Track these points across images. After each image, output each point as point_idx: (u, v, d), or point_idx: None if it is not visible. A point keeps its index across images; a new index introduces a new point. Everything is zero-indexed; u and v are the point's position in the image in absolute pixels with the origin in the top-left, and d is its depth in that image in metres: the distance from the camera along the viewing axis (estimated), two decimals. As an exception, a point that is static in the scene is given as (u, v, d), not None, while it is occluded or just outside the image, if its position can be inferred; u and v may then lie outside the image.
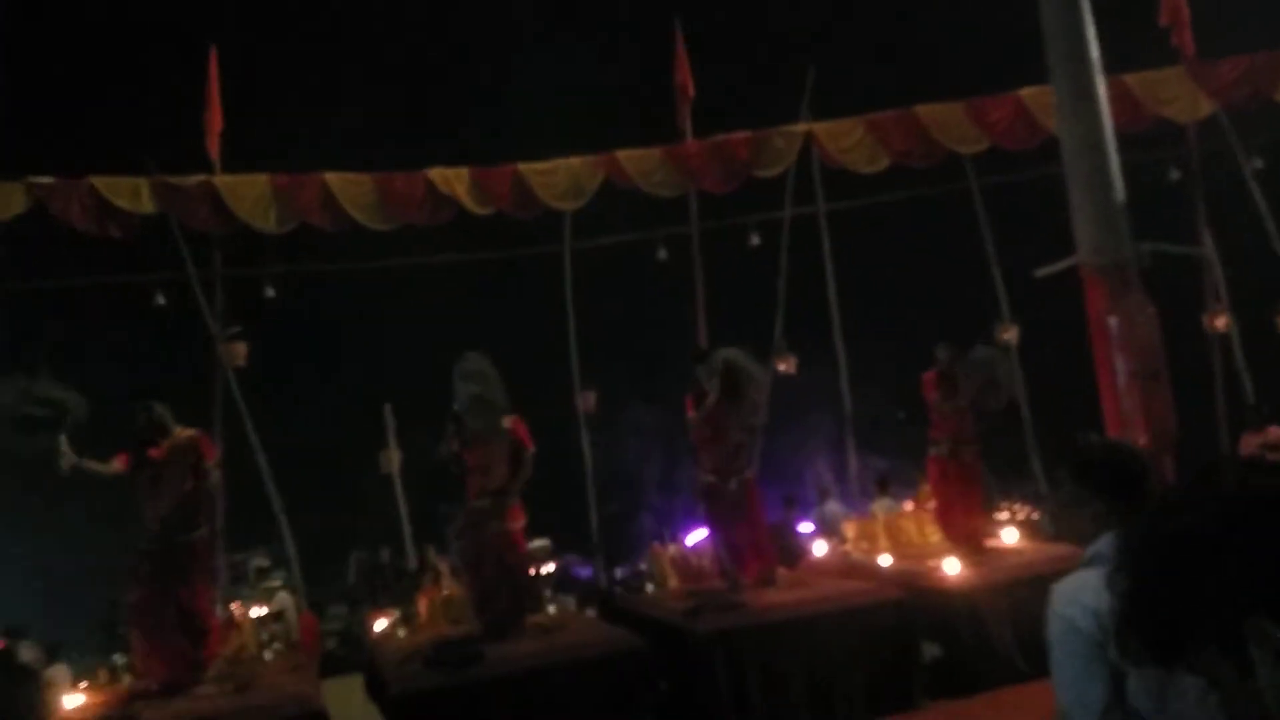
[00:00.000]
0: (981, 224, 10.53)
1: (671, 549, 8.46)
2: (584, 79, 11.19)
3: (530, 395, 9.80)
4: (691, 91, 10.07)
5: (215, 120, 8.65)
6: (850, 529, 9.11)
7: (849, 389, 10.23)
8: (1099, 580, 2.46)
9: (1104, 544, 2.46)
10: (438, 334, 10.63)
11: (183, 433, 6.23)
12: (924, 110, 9.95)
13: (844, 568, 8.21)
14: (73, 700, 5.97)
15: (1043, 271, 7.51)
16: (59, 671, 7.20)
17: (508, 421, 7.03)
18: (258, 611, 7.18)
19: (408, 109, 10.02)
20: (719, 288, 9.98)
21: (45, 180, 8.07)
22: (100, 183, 8.17)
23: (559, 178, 9.57)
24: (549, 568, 8.08)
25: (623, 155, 9.64)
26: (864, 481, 10.31)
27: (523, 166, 9.44)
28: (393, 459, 9.34)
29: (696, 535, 8.72)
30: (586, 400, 9.74)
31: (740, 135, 9.84)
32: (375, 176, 9.05)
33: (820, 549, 8.96)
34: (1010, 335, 10.38)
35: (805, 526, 9.44)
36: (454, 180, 9.24)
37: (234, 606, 7.11)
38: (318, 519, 9.43)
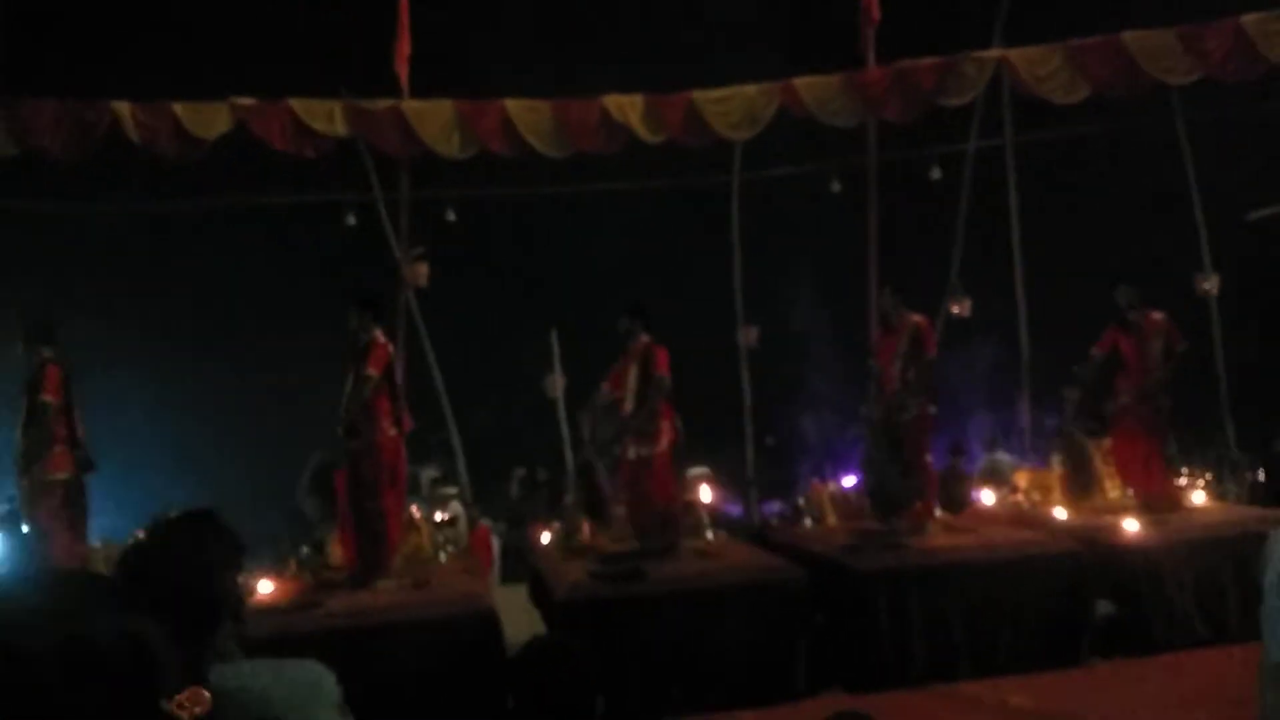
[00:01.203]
0: (1186, 162, 9.76)
1: (831, 486, 8.40)
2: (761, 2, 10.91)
3: (692, 328, 9.88)
4: (876, 15, 9.66)
5: (404, 46, 8.90)
6: (1023, 479, 8.80)
7: (1028, 336, 9.78)
8: None
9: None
10: (605, 262, 10.80)
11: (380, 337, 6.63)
12: (1131, 37, 9.22)
13: (1014, 517, 7.95)
14: (264, 586, 6.46)
15: (1256, 215, 6.94)
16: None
17: (640, 341, 7.14)
18: (434, 516, 7.56)
19: (581, 35, 10.01)
20: (895, 223, 9.65)
21: (247, 101, 8.52)
22: (298, 105, 8.56)
23: (733, 106, 9.39)
24: (708, 495, 8.14)
25: (800, 83, 9.36)
26: (1036, 433, 9.88)
27: (697, 95, 9.31)
28: (557, 384, 9.59)
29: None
30: (749, 334, 9.68)
31: (927, 62, 9.38)
32: (552, 104, 9.13)
33: (988, 498, 8.70)
34: (1210, 286, 9.65)
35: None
36: (628, 108, 9.21)
37: (412, 509, 7.50)
38: (486, 437, 9.82)
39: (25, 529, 6.70)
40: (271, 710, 1.75)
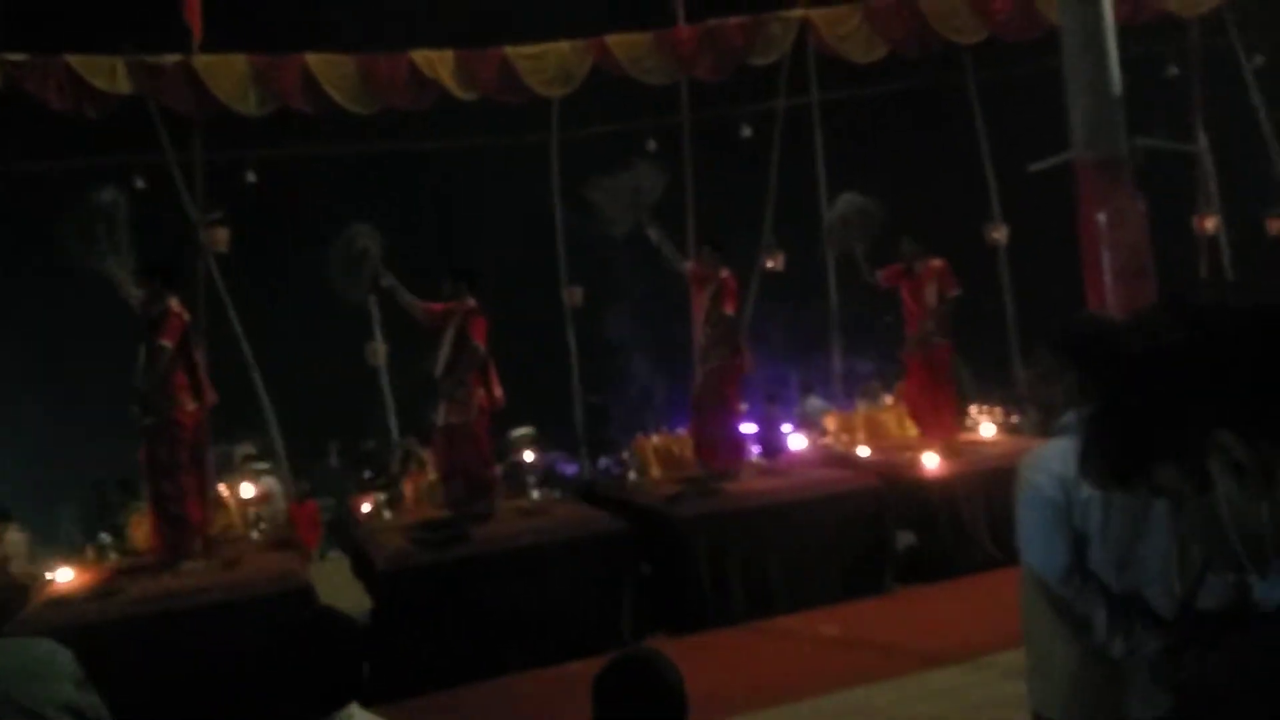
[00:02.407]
0: (976, 118, 10.38)
1: (655, 439, 8.56)
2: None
3: (516, 289, 9.80)
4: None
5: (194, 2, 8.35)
6: (831, 422, 9.23)
7: (836, 288, 10.20)
8: (1068, 448, 2.51)
9: (1077, 415, 2.50)
10: (421, 222, 10.55)
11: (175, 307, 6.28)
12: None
13: (824, 459, 8.34)
14: (62, 575, 6.06)
15: (1036, 167, 7.45)
16: (14, 537, 7.30)
17: (464, 305, 7.10)
18: (245, 493, 7.26)
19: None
20: (709, 180, 9.84)
21: (18, 57, 7.82)
22: (76, 61, 7.92)
23: (547, 62, 9.32)
24: (530, 456, 8.16)
25: (612, 40, 9.39)
26: (848, 381, 10.37)
27: (510, 50, 9.19)
28: (379, 351, 9.34)
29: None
30: (573, 295, 9.70)
31: (735, 20, 9.58)
32: (357, 58, 8.80)
33: (800, 442, 9.08)
34: (1000, 234, 10.33)
35: (786, 428, 9.52)
36: (438, 63, 8.99)
37: (221, 487, 7.18)
38: (302, 410, 9.46)
39: None
40: None
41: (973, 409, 9.16)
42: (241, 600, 5.64)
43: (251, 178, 8.75)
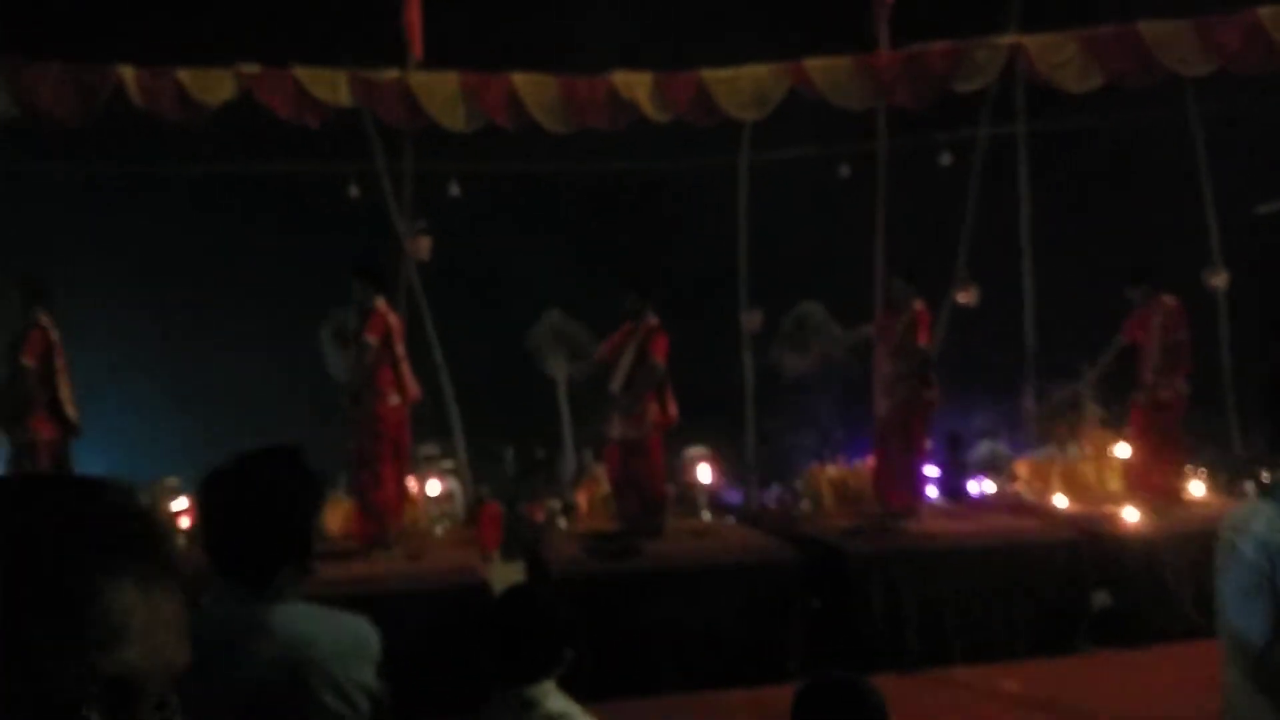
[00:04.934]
0: (1199, 155, 9.66)
1: (830, 470, 8.35)
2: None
3: (696, 310, 9.81)
4: (888, -3, 9.57)
5: (414, 15, 8.83)
6: (1022, 469, 8.75)
7: (1034, 326, 9.70)
8: (1274, 511, 2.28)
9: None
10: (608, 241, 10.72)
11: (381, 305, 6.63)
12: (1147, 27, 9.12)
13: (1013, 506, 7.91)
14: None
15: (1264, 208, 6.87)
16: None
17: (646, 323, 7.14)
18: (431, 490, 7.53)
19: (591, 10, 9.91)
20: (903, 209, 9.57)
21: (252, 69, 8.45)
22: (303, 73, 8.50)
23: (743, 85, 9.32)
24: (706, 476, 8.11)
25: (811, 64, 9.29)
26: (1040, 423, 9.81)
27: (706, 73, 9.24)
28: (559, 365, 9.54)
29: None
30: (752, 319, 9.61)
31: (939, 46, 9.29)
32: (559, 79, 9.06)
33: (986, 487, 8.66)
34: (1220, 281, 9.57)
35: (969, 470, 9.07)
36: (636, 85, 9.14)
37: (410, 482, 7.47)
38: (482, 415, 9.77)
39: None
40: (312, 653, 1.75)
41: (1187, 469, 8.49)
42: (421, 591, 5.84)
43: (455, 190, 9.12)
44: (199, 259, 9.14)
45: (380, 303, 6.68)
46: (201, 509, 2.19)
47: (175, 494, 7.47)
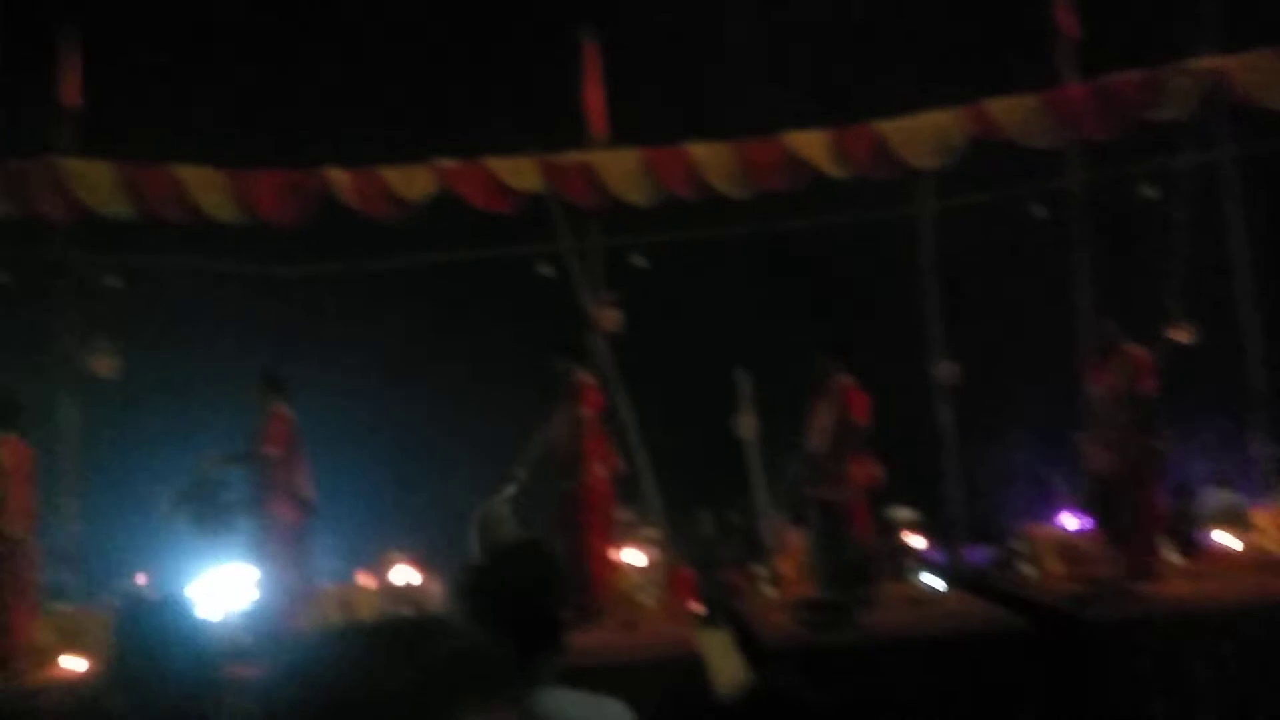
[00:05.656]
0: None
1: (1051, 529, 7.92)
2: (943, 22, 10.59)
3: (886, 364, 9.58)
4: (1072, 28, 9.23)
5: (594, 100, 9.16)
6: (1262, 519, 8.04)
7: (1259, 364, 8.97)
8: None
9: None
10: (792, 299, 10.66)
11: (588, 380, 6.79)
12: (1369, 34, 8.42)
13: (1259, 562, 7.26)
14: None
15: None
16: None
17: (839, 383, 7.00)
18: (636, 559, 7.59)
19: (756, 72, 10.03)
20: (1104, 247, 9.11)
21: (449, 163, 8.94)
22: (495, 164, 8.92)
23: (922, 134, 9.14)
24: (915, 539, 7.83)
25: (994, 105, 9.02)
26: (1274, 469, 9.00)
27: (883, 125, 9.12)
28: (748, 424, 9.49)
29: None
30: (947, 370, 9.30)
31: (1131, 76, 8.85)
32: (735, 145, 9.15)
33: (1223, 540, 8.00)
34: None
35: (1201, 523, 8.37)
36: (812, 144, 9.12)
37: (617, 551, 7.56)
38: (676, 482, 9.81)
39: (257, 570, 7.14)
40: None
41: None
42: (640, 663, 5.85)
43: (640, 262, 9.30)
44: (410, 346, 9.66)
45: (586, 377, 6.86)
46: (464, 605, 2.29)
47: (391, 565, 7.85)
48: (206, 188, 8.41)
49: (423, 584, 8.51)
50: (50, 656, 6.62)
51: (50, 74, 8.64)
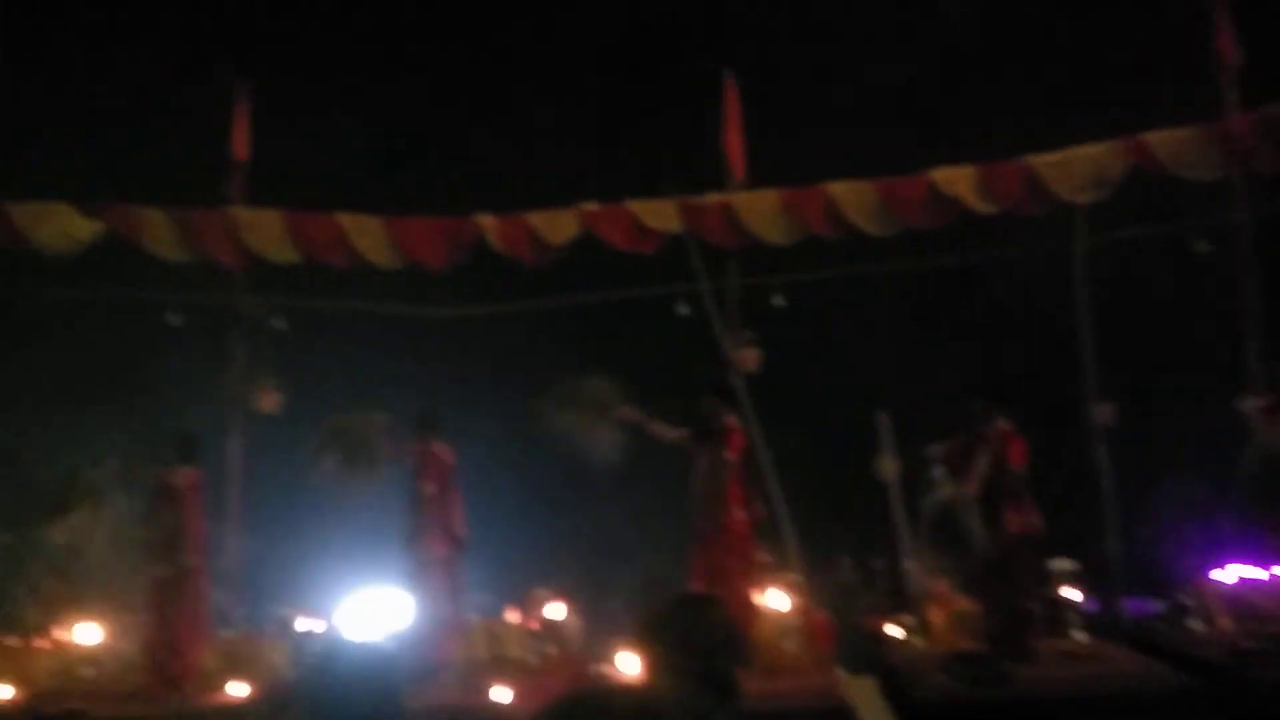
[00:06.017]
0: None
1: (1221, 581, 7.44)
2: (1097, 53, 10.25)
3: (1037, 406, 9.23)
4: (1234, 56, 8.80)
5: (734, 142, 9.23)
6: None
7: None
8: None
9: None
10: (935, 340, 10.41)
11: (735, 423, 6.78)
12: None
13: None
14: (623, 661, 6.62)
15: None
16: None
17: (997, 428, 6.77)
18: (779, 604, 7.49)
19: (908, 112, 9.92)
20: (1273, 283, 8.59)
21: (592, 206, 9.16)
22: (637, 206, 9.09)
23: (1076, 168, 8.85)
24: (1073, 591, 7.48)
25: (1153, 138, 8.67)
26: None
27: (1034, 159, 8.88)
28: (890, 467, 9.27)
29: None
30: (1103, 413, 8.89)
31: (1303, 104, 8.39)
32: (878, 183, 9.07)
33: None
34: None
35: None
36: (959, 180, 8.96)
37: (758, 596, 7.48)
38: (813, 524, 9.66)
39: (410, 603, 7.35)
40: None
41: None
42: (789, 711, 5.75)
43: (779, 301, 9.27)
44: (547, 386, 9.84)
45: (733, 419, 6.86)
46: (647, 655, 2.33)
47: (538, 601, 7.97)
48: (365, 233, 8.84)
49: (565, 620, 8.61)
50: (217, 681, 6.93)
51: (223, 129, 9.26)
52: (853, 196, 9.03)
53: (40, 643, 7.68)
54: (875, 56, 10.53)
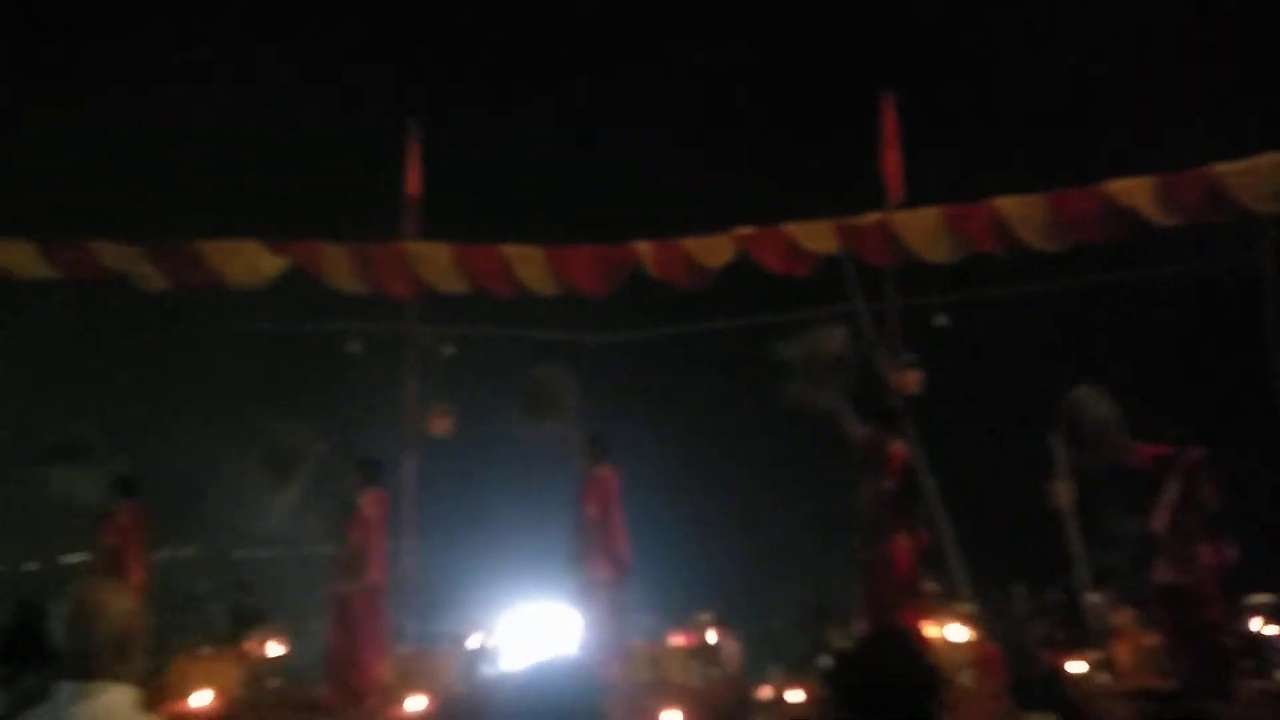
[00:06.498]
0: None
1: None
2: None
3: (1223, 431, 8.64)
4: None
5: (892, 160, 9.08)
6: None
7: None
8: None
9: None
10: (1110, 358, 9.90)
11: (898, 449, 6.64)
12: None
13: None
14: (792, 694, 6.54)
15: None
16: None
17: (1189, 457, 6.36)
18: (954, 635, 7.24)
19: (1075, 122, 9.54)
20: None
21: (748, 230, 9.15)
22: (793, 228, 9.02)
23: (1263, 175, 8.28)
24: (1274, 627, 6.94)
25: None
26: None
27: (1219, 168, 8.36)
28: (1063, 492, 8.85)
29: None
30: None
31: None
32: (1047, 196, 8.72)
33: None
34: None
35: None
36: (1136, 191, 8.51)
37: (926, 627, 7.25)
38: (983, 553, 9.31)
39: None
40: None
41: None
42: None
43: (942, 321, 9.02)
44: (701, 410, 9.91)
45: (897, 445, 6.70)
46: (833, 692, 2.30)
47: (701, 626, 7.97)
48: (527, 263, 9.10)
49: (720, 643, 8.58)
50: (396, 695, 7.19)
51: (400, 167, 9.74)
52: (1021, 211, 8.70)
53: (232, 653, 8.17)
54: (1036, 68, 10.21)
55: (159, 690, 6.80)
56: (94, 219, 9.52)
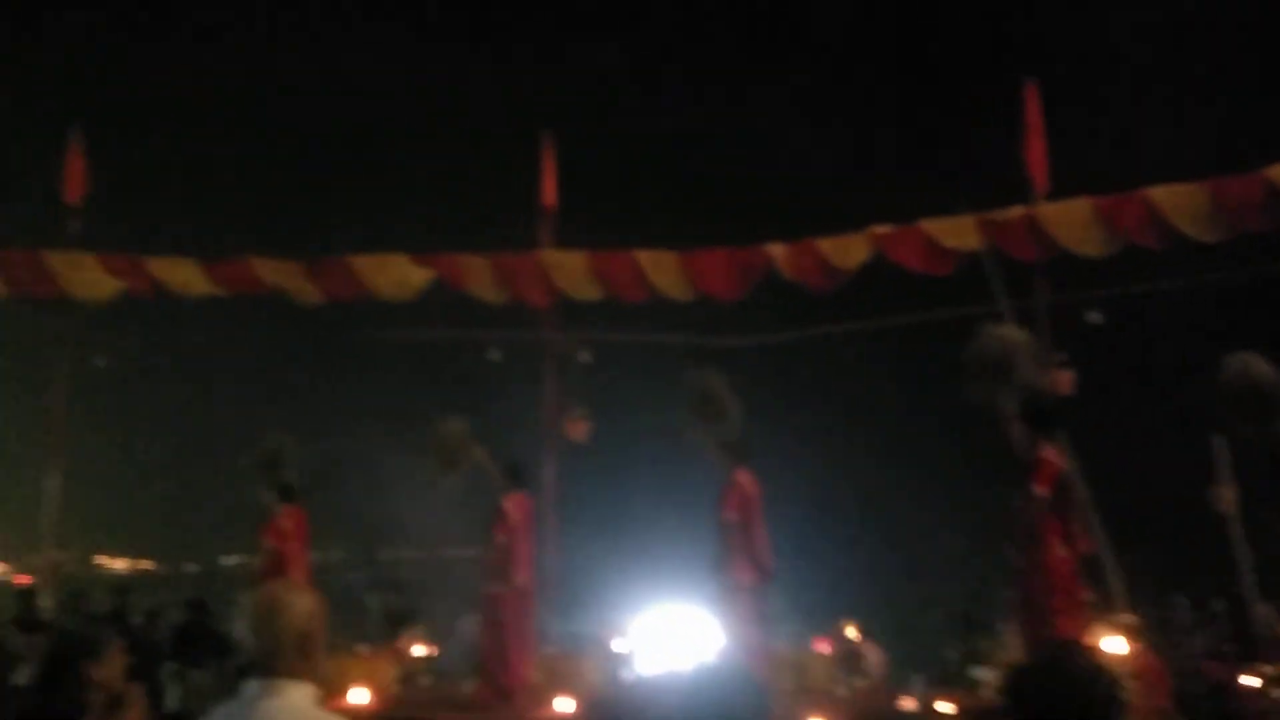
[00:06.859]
0: None
1: None
2: None
3: None
4: None
5: (1036, 151, 8.75)
6: None
7: None
8: None
9: None
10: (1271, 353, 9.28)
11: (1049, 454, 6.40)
12: None
13: None
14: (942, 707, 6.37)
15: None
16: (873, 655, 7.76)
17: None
18: (1116, 648, 6.93)
19: (1230, 106, 8.99)
20: None
21: (884, 229, 8.97)
22: (931, 226, 8.80)
23: None
24: None
25: None
26: None
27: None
28: (1227, 496, 8.34)
29: None
30: None
31: None
32: (1206, 185, 8.26)
33: None
34: None
35: None
36: (1305, 175, 7.97)
37: (1089, 639, 6.95)
38: (1141, 561, 8.87)
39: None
40: None
41: None
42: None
43: (1095, 318, 8.64)
44: (840, 414, 9.77)
45: (1048, 450, 6.42)
46: (1010, 707, 2.25)
47: (844, 631, 7.85)
48: (661, 269, 9.16)
49: (861, 647, 8.42)
50: (543, 695, 7.33)
51: (535, 177, 9.95)
52: (1177, 200, 8.28)
53: (387, 651, 8.48)
54: (1185, 47, 9.68)
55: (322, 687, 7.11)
56: (244, 237, 10.06)
